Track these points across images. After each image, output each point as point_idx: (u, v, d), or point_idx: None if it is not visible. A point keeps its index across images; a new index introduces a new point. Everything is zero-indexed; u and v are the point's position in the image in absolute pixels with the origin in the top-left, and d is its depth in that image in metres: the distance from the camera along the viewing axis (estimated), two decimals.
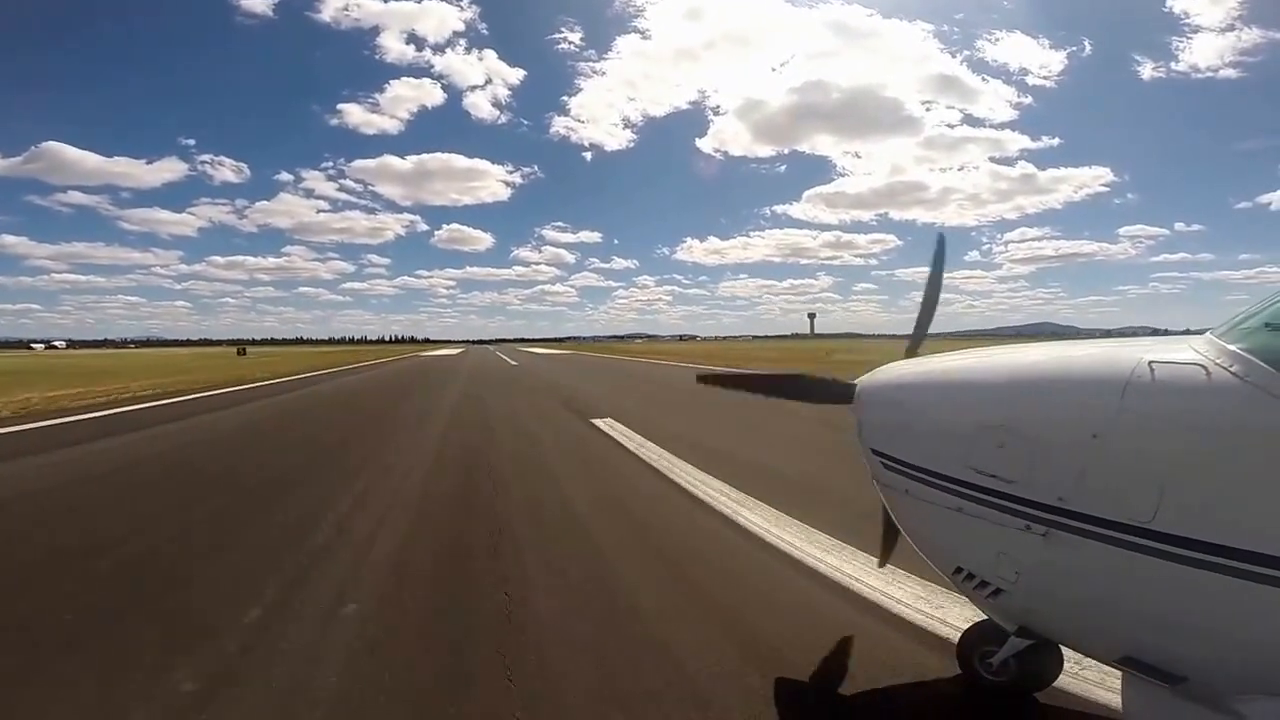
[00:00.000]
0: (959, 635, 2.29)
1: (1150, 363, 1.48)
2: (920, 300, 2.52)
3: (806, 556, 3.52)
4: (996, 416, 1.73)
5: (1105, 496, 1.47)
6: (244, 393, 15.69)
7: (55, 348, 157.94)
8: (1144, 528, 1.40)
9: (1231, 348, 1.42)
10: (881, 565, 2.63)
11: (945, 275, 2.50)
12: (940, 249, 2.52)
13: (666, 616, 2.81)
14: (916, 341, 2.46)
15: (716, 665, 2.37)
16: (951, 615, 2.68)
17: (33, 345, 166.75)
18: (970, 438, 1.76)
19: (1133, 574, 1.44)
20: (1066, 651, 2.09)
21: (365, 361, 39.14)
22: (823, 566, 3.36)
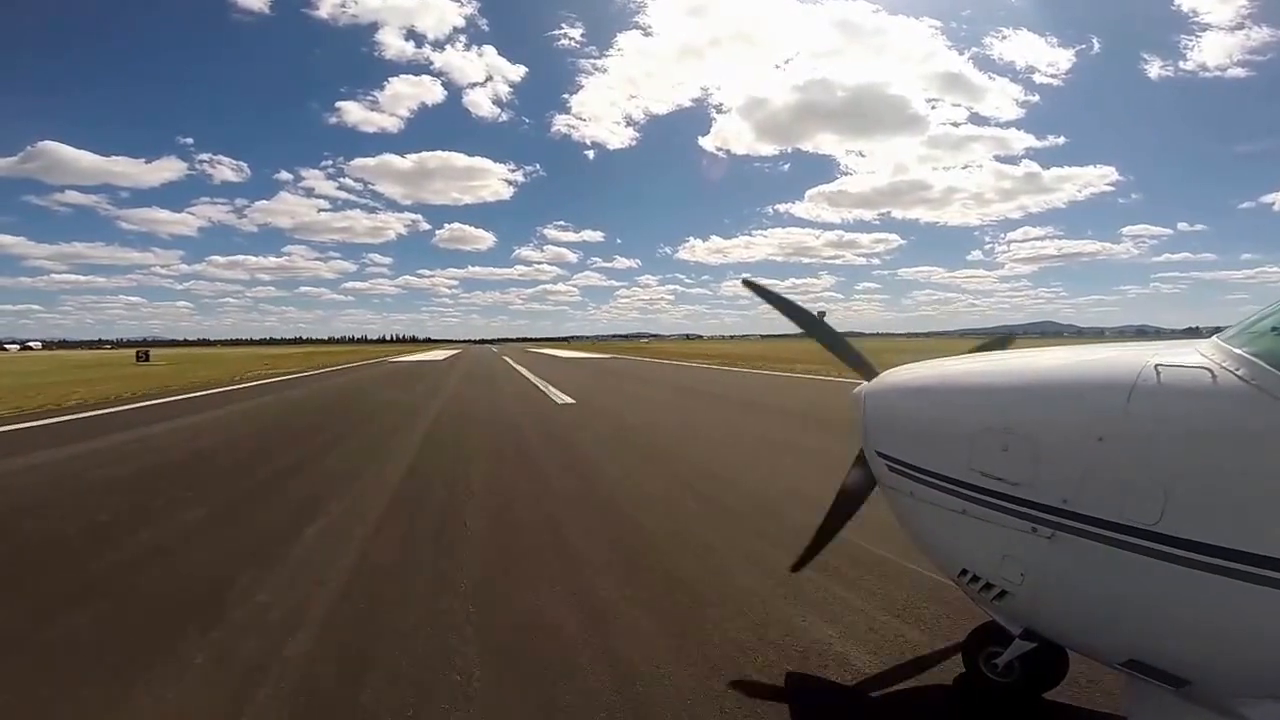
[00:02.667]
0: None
1: (1156, 366, 1.48)
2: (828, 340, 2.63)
3: None
4: (1001, 419, 1.72)
5: (1110, 499, 1.47)
6: None
7: (30, 349, 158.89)
8: (1149, 530, 1.39)
9: (1238, 351, 1.42)
10: (795, 570, 2.59)
11: (947, 274, 2.55)
12: (764, 292, 2.73)
13: None
14: (862, 365, 2.44)
15: None
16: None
17: (7, 347, 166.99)
18: (975, 440, 1.76)
19: (1138, 577, 1.43)
20: (1071, 654, 2.09)
21: (276, 374, 23.66)
22: None
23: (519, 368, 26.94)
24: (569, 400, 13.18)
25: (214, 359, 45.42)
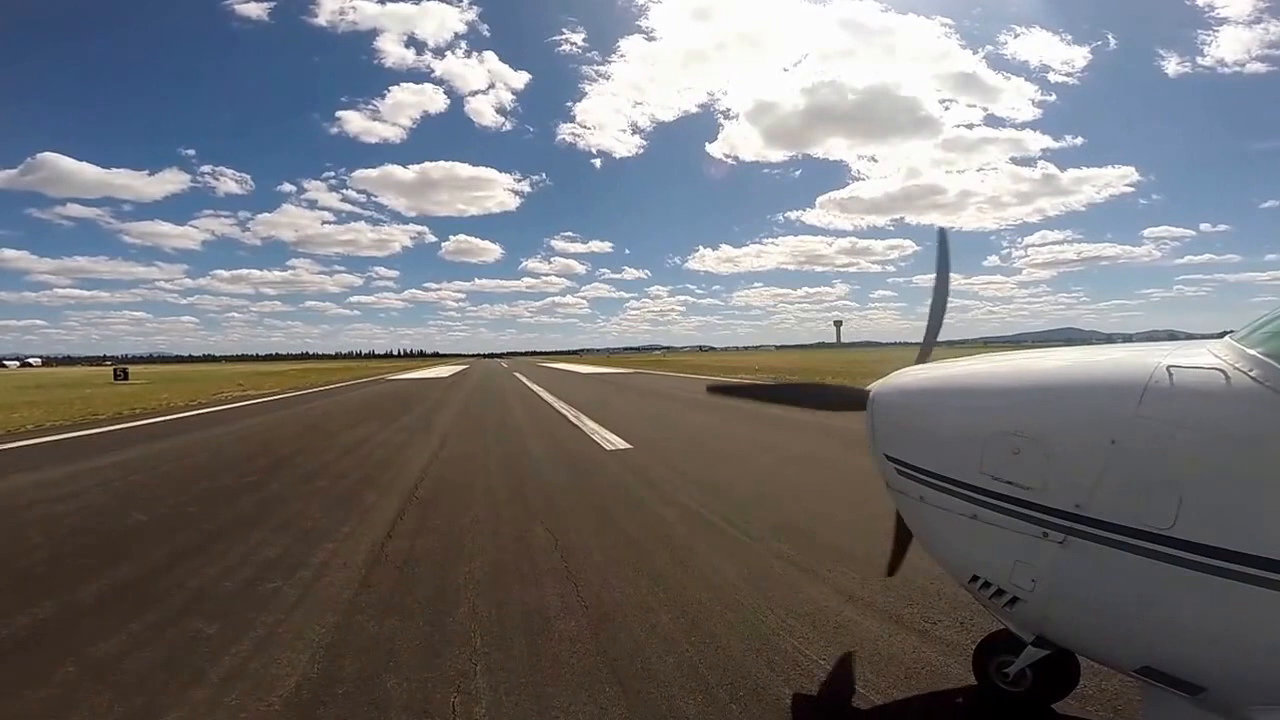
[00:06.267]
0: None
1: (1169, 367, 1.47)
2: (930, 304, 2.51)
3: None
4: (1012, 422, 1.72)
5: (1123, 503, 1.46)
6: None
7: (30, 365, 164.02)
8: (1163, 535, 1.38)
9: (1251, 352, 1.41)
10: (890, 574, 2.54)
11: (964, 280, 2.50)
12: (943, 245, 2.51)
13: None
14: (928, 347, 2.45)
15: None
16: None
17: (6, 363, 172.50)
18: (986, 444, 1.75)
19: (1152, 582, 1.42)
20: (1084, 661, 2.06)
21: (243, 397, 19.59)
22: None
23: (539, 390, 20.33)
24: (626, 448, 7.89)
25: (192, 378, 41.14)
